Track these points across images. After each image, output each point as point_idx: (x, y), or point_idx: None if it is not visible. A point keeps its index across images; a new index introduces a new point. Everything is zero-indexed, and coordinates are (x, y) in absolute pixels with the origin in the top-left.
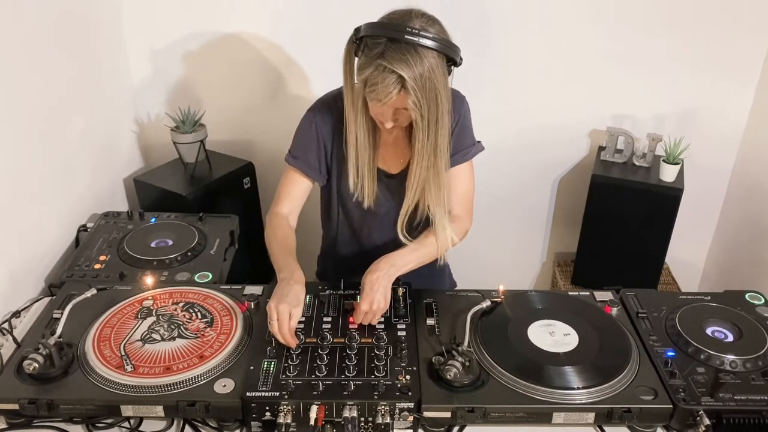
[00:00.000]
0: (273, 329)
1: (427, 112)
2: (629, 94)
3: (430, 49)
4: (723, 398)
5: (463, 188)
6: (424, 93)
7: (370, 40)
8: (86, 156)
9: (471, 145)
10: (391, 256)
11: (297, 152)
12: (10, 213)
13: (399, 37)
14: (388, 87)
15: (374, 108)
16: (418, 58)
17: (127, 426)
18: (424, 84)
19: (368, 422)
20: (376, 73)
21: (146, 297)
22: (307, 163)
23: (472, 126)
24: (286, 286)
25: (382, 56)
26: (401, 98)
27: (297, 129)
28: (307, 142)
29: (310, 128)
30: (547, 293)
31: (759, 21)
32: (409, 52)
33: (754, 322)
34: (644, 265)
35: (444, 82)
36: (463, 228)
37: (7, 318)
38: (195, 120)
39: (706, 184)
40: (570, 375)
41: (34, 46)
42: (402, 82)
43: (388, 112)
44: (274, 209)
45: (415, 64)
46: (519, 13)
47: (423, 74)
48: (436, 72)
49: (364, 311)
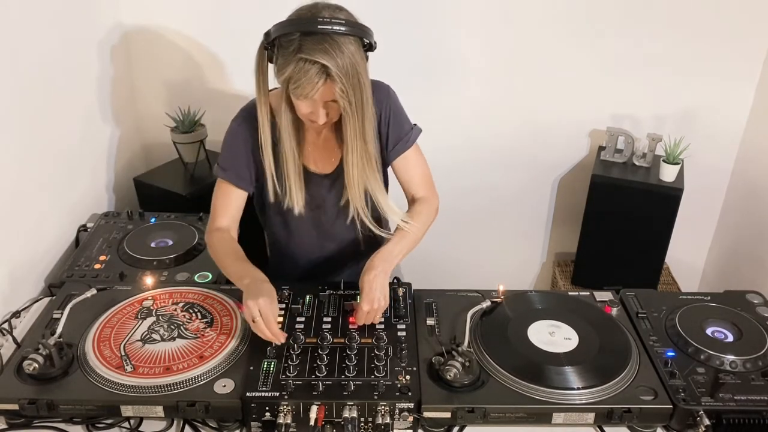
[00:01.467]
0: (259, 328)
1: (353, 98)
2: (629, 94)
3: (345, 34)
4: (723, 398)
5: (420, 171)
6: (348, 79)
7: (284, 39)
8: (86, 156)
9: (410, 130)
10: (381, 252)
11: (226, 164)
12: (10, 213)
13: (312, 28)
14: (313, 79)
15: (303, 106)
16: (336, 45)
17: (127, 426)
18: (347, 70)
19: (368, 422)
20: (297, 68)
21: (146, 297)
22: (237, 173)
23: (404, 112)
24: (255, 286)
25: (300, 51)
26: (328, 88)
27: (223, 140)
28: (235, 153)
29: (237, 138)
30: (547, 293)
31: (759, 21)
32: (326, 41)
33: (754, 322)
34: (644, 265)
35: (364, 66)
36: (434, 206)
37: (7, 318)
38: (195, 120)
39: (706, 184)
40: (570, 375)
41: (33, 46)
42: (326, 71)
43: (318, 107)
44: (212, 226)
45: (335, 52)
46: (519, 14)
47: (344, 60)
48: (356, 56)
49: (366, 311)
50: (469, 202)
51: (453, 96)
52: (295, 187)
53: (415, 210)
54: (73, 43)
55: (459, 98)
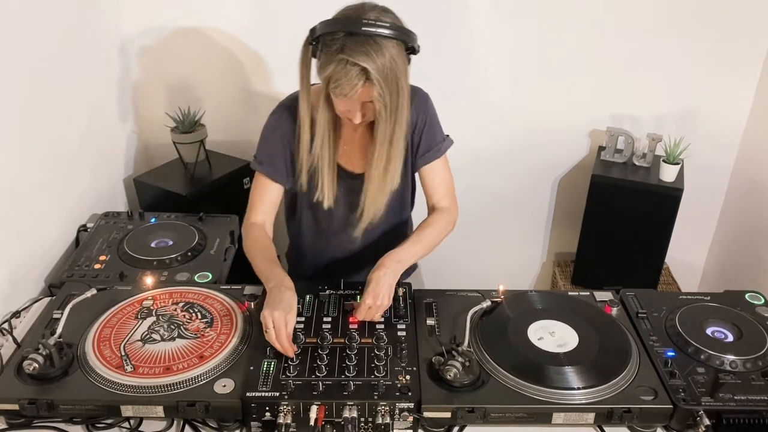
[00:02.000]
0: (270, 338)
1: (389, 101)
2: (629, 94)
3: (388, 38)
4: (723, 398)
5: (445, 182)
6: (387, 83)
7: (328, 37)
8: (86, 156)
9: (442, 141)
10: (395, 252)
11: (262, 157)
12: (10, 213)
13: (356, 29)
14: (353, 80)
15: (340, 104)
16: (378, 48)
17: (127, 426)
18: (386, 74)
19: (368, 422)
20: (338, 69)
21: (146, 297)
22: (273, 167)
23: (439, 122)
24: (277, 293)
25: (342, 51)
26: (366, 90)
27: (261, 134)
28: (271, 146)
29: (274, 132)
30: (547, 293)
31: (759, 21)
32: (369, 44)
33: (754, 322)
34: (644, 265)
35: (404, 70)
36: (453, 217)
37: (7, 318)
38: (195, 120)
39: (706, 184)
40: (570, 375)
41: (33, 46)
42: (366, 74)
43: (356, 107)
44: (248, 220)
45: (376, 55)
46: (519, 14)
47: (385, 64)
48: (396, 61)
49: (368, 306)
50: (470, 203)
51: (453, 97)
52: (327, 182)
53: (434, 219)
54: (74, 44)
55: (459, 99)
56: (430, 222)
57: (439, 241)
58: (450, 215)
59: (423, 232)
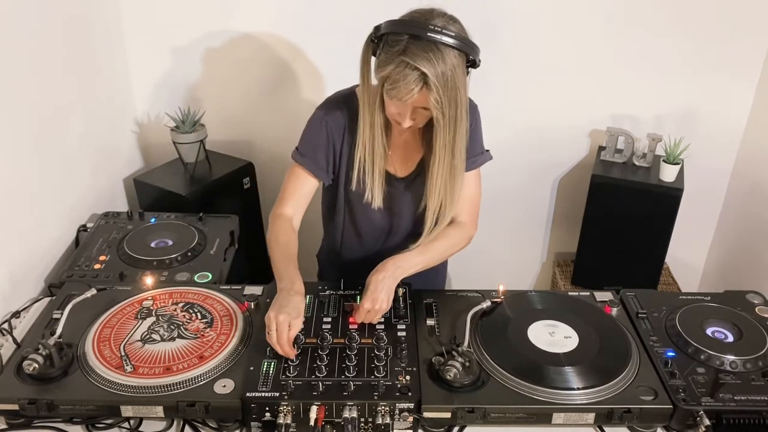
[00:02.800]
0: (271, 340)
1: (448, 110)
2: (629, 94)
3: (451, 47)
4: (723, 398)
5: (471, 195)
6: (446, 91)
7: (391, 37)
8: (86, 156)
9: (480, 153)
10: (398, 258)
11: (305, 150)
12: (10, 213)
13: (421, 34)
14: (410, 84)
15: (392, 107)
16: (440, 55)
17: (127, 426)
18: (446, 82)
19: (368, 423)
20: (398, 70)
21: (146, 297)
22: (315, 161)
23: (482, 135)
24: (286, 296)
25: (404, 53)
26: (422, 96)
27: (306, 126)
28: (316, 140)
29: (321, 126)
30: (547, 293)
31: (759, 21)
32: (432, 50)
33: (754, 322)
34: (644, 265)
35: (464, 81)
36: (468, 234)
37: (7, 318)
38: (195, 120)
39: (706, 184)
40: (570, 375)
41: (34, 47)
42: (424, 79)
43: (407, 111)
44: (277, 209)
45: (437, 62)
46: (519, 14)
47: (445, 72)
48: (457, 70)
49: (367, 310)
50: None
51: None
52: (377, 183)
53: (449, 232)
54: (74, 43)
55: None
56: (444, 234)
57: (449, 255)
58: (466, 232)
59: (433, 243)
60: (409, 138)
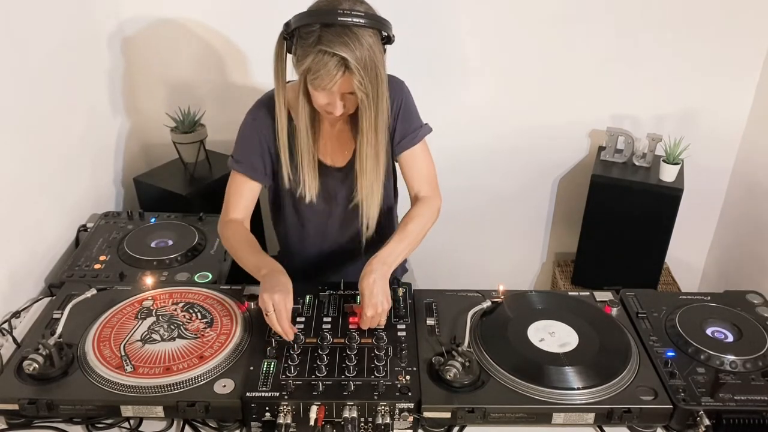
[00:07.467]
0: (271, 321)
1: (371, 90)
2: (629, 94)
3: (364, 27)
4: (723, 398)
5: (425, 169)
6: (367, 71)
7: (303, 30)
8: (86, 156)
9: (420, 127)
10: (381, 253)
11: (240, 156)
12: (10, 213)
13: (332, 20)
14: (332, 71)
15: (320, 98)
16: (355, 38)
17: (127, 426)
18: (365, 63)
19: (368, 422)
20: (317, 60)
21: (146, 297)
22: (251, 166)
23: (416, 109)
24: (272, 277)
25: (320, 42)
26: (346, 80)
27: (238, 133)
28: (249, 144)
29: (252, 130)
30: (547, 293)
31: (759, 21)
32: (346, 34)
33: (754, 322)
34: (644, 265)
35: (381, 59)
36: (436, 206)
37: (7, 318)
38: (195, 120)
39: (706, 184)
40: (570, 375)
41: (33, 46)
42: (345, 63)
43: (335, 99)
44: (224, 218)
45: (354, 45)
46: (519, 14)
47: (363, 53)
48: (374, 49)
49: (371, 317)
50: (470, 202)
51: (453, 96)
52: (309, 177)
53: (417, 211)
54: (73, 43)
55: (459, 98)
56: (412, 215)
57: (425, 233)
58: (433, 204)
59: (406, 228)
60: (343, 127)
